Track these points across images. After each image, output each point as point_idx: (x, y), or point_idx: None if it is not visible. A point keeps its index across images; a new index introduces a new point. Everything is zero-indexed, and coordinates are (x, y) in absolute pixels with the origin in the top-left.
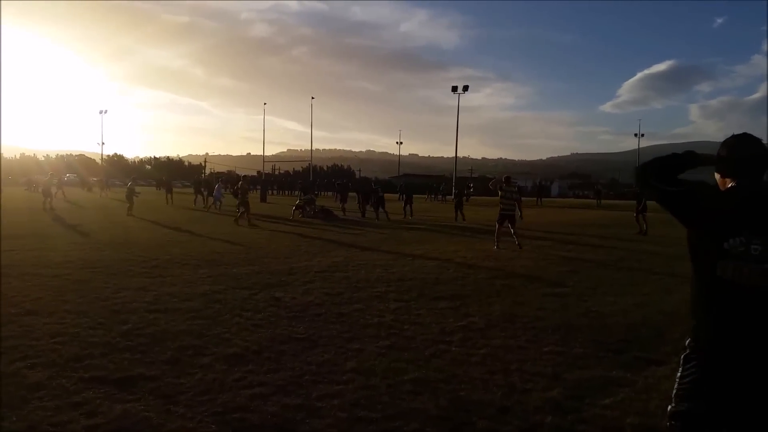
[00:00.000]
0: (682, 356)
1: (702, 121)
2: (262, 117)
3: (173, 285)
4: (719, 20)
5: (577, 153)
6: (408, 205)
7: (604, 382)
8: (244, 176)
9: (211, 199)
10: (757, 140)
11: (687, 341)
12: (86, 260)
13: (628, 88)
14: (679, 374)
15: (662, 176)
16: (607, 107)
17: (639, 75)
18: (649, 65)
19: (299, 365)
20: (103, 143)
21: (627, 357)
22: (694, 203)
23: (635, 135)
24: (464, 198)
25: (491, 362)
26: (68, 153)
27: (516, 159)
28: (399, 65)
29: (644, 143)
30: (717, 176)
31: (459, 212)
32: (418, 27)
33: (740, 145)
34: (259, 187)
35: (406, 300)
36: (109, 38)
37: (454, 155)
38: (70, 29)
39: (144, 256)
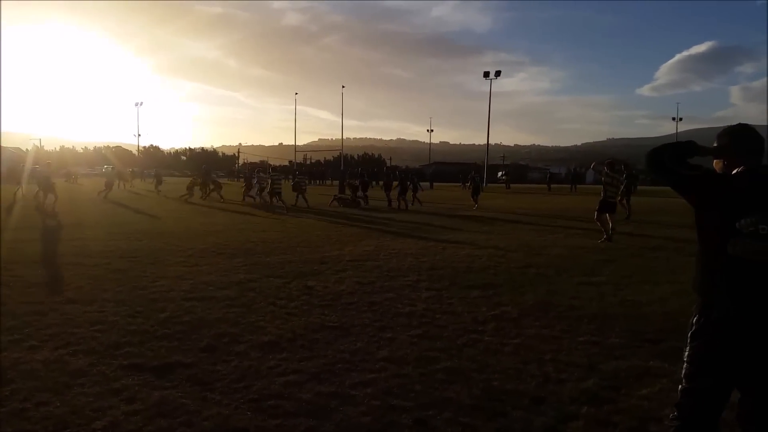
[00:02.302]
0: (689, 333)
1: (743, 104)
2: (294, 107)
3: (209, 274)
4: None
5: (613, 138)
6: (412, 193)
7: (641, 372)
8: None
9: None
10: (755, 130)
11: (694, 318)
12: (125, 250)
13: (666, 71)
14: (686, 353)
15: (676, 161)
16: (644, 90)
17: (678, 57)
18: (688, 46)
19: (332, 353)
20: (139, 135)
21: (664, 346)
22: (708, 185)
23: (673, 119)
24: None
25: (525, 352)
26: (105, 145)
27: (550, 145)
28: (431, 51)
29: (683, 127)
30: (717, 164)
31: (475, 198)
32: (451, 11)
33: (745, 133)
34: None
35: (437, 289)
36: (145, 31)
37: (485, 142)
38: (107, 22)
39: (181, 246)
